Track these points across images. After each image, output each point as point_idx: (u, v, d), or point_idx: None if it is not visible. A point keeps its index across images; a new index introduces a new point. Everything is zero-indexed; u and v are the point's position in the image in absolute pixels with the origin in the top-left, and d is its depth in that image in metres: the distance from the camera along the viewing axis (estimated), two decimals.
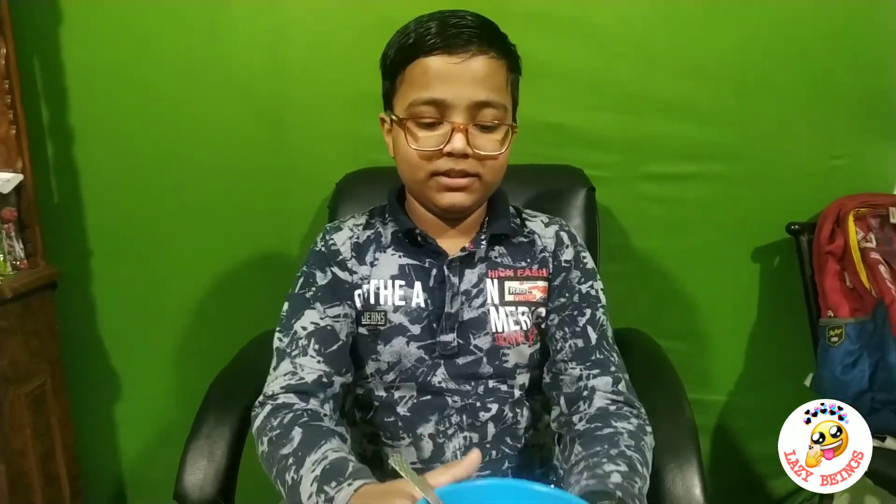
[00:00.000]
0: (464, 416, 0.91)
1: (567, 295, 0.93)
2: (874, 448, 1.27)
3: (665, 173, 1.48)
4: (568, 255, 0.96)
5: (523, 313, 0.93)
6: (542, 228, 0.98)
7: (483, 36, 0.84)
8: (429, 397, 0.91)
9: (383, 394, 0.93)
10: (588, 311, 0.92)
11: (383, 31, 0.90)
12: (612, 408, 0.86)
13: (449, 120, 0.84)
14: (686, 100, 1.44)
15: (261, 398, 0.88)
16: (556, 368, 0.92)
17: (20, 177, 1.39)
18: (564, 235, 0.97)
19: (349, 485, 0.71)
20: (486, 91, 0.84)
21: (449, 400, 0.91)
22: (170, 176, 1.51)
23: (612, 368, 0.89)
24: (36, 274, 1.43)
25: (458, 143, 0.84)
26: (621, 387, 0.88)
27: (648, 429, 0.85)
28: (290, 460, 0.78)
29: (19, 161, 1.39)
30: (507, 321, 0.92)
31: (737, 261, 1.53)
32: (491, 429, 0.92)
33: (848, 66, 1.43)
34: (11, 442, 1.36)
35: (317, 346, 0.88)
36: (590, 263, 0.97)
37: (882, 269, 1.32)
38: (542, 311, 0.94)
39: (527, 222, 0.99)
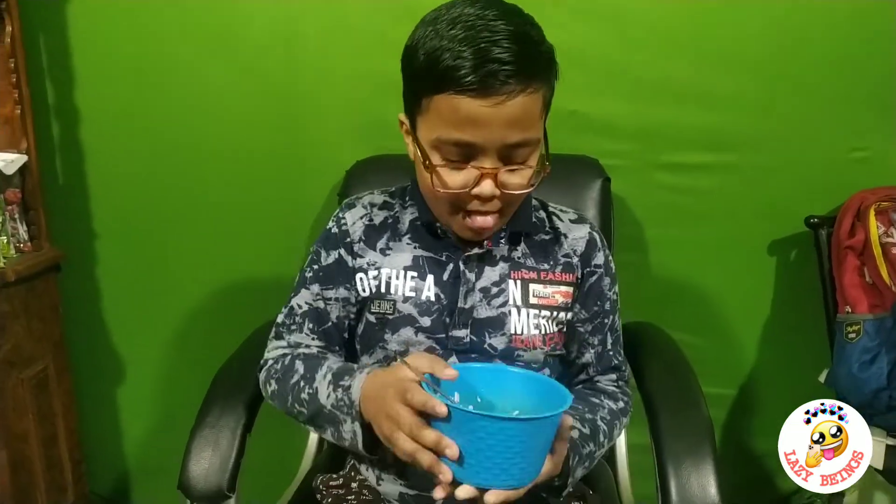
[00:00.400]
0: None
1: (599, 303, 0.95)
2: (889, 446, 1.27)
3: (681, 163, 1.45)
4: (599, 259, 0.95)
5: (545, 317, 0.92)
6: (570, 228, 0.96)
7: (522, 71, 0.75)
8: None
9: None
10: (611, 317, 0.96)
11: (399, 12, 0.88)
12: (610, 388, 0.96)
13: (477, 164, 0.79)
14: (704, 87, 1.41)
15: (261, 362, 0.96)
16: (572, 371, 0.99)
17: (24, 158, 1.37)
18: (596, 237, 0.96)
19: (360, 372, 0.82)
20: (520, 132, 0.78)
21: None
22: (176, 159, 1.49)
23: (623, 368, 0.98)
24: (40, 257, 1.41)
25: (486, 188, 0.80)
26: (622, 382, 0.98)
27: (629, 413, 0.96)
28: (302, 383, 0.86)
29: (24, 142, 1.37)
30: (527, 324, 0.91)
31: (753, 253, 1.50)
32: None
33: (871, 54, 1.39)
34: (13, 426, 1.35)
35: (311, 325, 0.94)
36: (613, 266, 0.98)
37: None
38: (563, 315, 0.94)
39: (553, 217, 0.97)
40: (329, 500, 0.96)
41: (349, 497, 0.95)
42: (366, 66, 1.40)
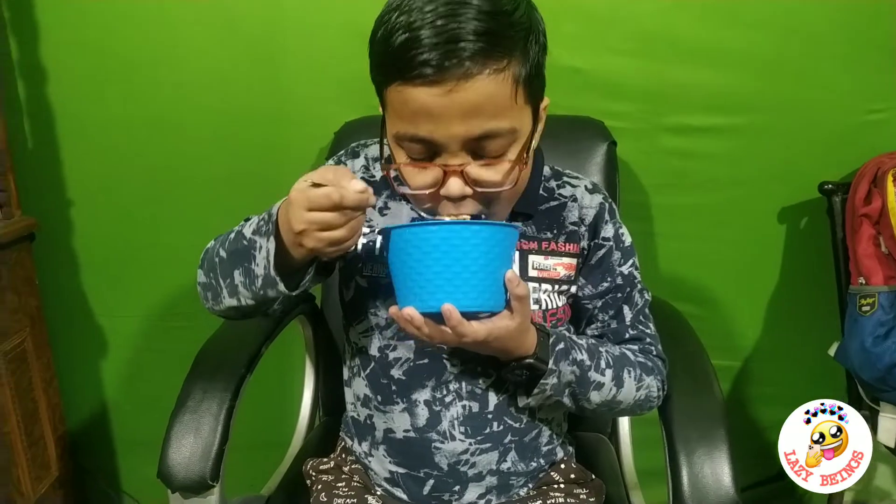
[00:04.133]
0: (462, 383, 0.84)
1: (609, 279, 0.88)
2: None
3: (688, 125, 1.38)
4: (608, 231, 0.88)
5: (545, 291, 0.85)
6: (584, 195, 0.88)
7: (481, 49, 0.66)
8: (426, 361, 0.84)
9: (377, 354, 0.87)
10: (626, 291, 0.88)
11: None
12: (640, 359, 0.87)
13: (441, 162, 0.71)
14: (713, 44, 1.33)
15: None
16: None
17: None
18: (608, 207, 0.89)
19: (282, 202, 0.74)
20: (483, 121, 0.69)
21: (447, 364, 0.84)
22: (153, 121, 1.40)
23: (647, 339, 0.89)
24: (11, 225, 1.33)
25: (454, 187, 0.72)
26: (644, 350, 0.89)
27: (655, 375, 0.87)
28: (237, 228, 0.80)
29: None
30: None
31: (763, 221, 1.44)
32: (492, 398, 0.85)
33: (888, 9, 1.31)
34: None
35: None
36: (628, 240, 0.90)
37: None
38: (568, 288, 0.87)
39: (566, 185, 0.89)
40: (319, 486, 0.91)
41: (339, 484, 0.91)
42: (355, 15, 1.29)
